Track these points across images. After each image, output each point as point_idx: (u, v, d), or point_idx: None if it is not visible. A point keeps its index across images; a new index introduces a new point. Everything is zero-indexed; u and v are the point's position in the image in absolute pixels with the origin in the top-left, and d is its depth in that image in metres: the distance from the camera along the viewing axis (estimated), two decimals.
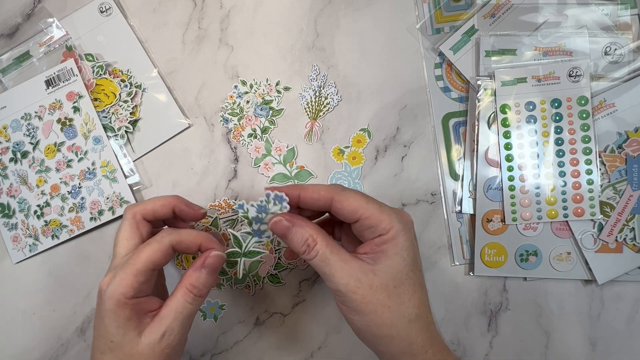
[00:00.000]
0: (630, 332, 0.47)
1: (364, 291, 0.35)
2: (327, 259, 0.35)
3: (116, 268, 0.37)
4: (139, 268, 0.36)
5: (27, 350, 0.51)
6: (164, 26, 0.52)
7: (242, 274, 0.43)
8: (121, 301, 0.35)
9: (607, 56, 0.46)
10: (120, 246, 0.39)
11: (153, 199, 0.41)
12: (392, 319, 0.35)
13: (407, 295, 0.36)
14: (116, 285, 0.35)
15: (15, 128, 0.52)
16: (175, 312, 0.36)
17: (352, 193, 0.36)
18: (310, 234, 0.36)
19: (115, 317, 0.35)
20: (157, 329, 0.36)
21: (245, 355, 0.50)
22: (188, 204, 0.41)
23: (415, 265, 0.36)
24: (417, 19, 0.49)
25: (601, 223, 0.46)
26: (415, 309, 0.36)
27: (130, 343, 0.35)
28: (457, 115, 0.49)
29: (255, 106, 0.50)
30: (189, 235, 0.38)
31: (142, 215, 0.40)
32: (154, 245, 0.37)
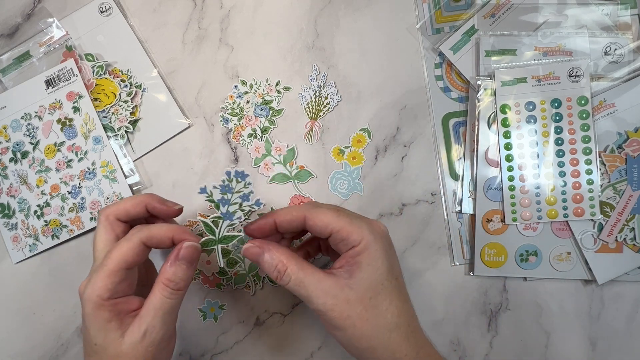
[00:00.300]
0: (630, 332, 0.47)
1: (341, 307, 0.35)
2: (302, 281, 0.35)
3: (93, 272, 0.37)
4: (111, 269, 0.36)
5: (27, 350, 0.51)
6: (164, 26, 0.52)
7: (223, 263, 0.41)
8: (98, 303, 0.35)
9: (607, 56, 0.46)
10: (97, 250, 0.38)
11: (125, 199, 0.40)
12: (372, 330, 0.35)
13: (384, 305, 0.36)
14: (91, 288, 0.35)
15: (15, 128, 0.52)
16: (154, 309, 0.36)
17: (323, 209, 0.37)
18: (280, 260, 0.36)
19: (94, 320, 0.35)
20: (137, 328, 0.35)
21: (245, 355, 0.50)
22: (161, 200, 0.40)
23: (390, 274, 0.36)
24: (417, 19, 0.49)
25: (601, 223, 0.46)
26: (394, 318, 0.36)
27: (113, 344, 0.35)
28: (457, 115, 0.49)
29: (255, 106, 0.50)
30: (160, 230, 0.37)
31: (115, 216, 0.39)
32: (123, 244, 0.36)
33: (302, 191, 0.49)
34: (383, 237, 0.37)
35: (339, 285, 0.35)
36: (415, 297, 0.39)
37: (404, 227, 0.49)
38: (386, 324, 0.35)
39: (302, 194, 0.49)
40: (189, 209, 0.51)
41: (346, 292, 0.35)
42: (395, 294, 0.36)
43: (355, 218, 0.37)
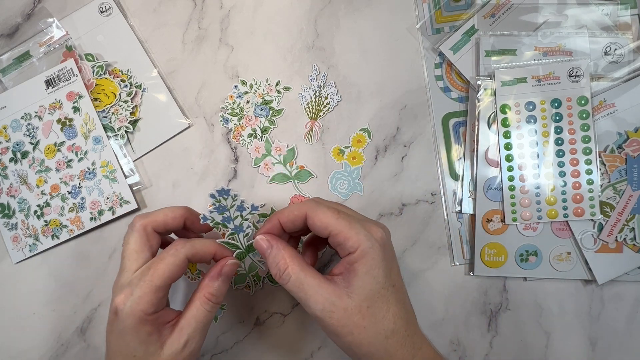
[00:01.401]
0: (630, 332, 0.47)
1: (339, 314, 0.35)
2: (301, 283, 0.36)
3: (131, 284, 0.36)
4: (158, 285, 0.36)
5: (27, 350, 0.51)
6: (164, 26, 0.52)
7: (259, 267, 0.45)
8: (142, 318, 0.36)
9: (607, 56, 0.46)
10: (130, 259, 0.38)
11: (164, 210, 0.40)
12: (369, 338, 0.35)
13: (382, 312, 0.36)
14: (135, 303, 0.35)
15: (15, 128, 0.52)
16: (195, 320, 0.37)
17: (324, 208, 0.36)
18: (283, 257, 0.36)
19: (137, 334, 0.36)
20: (178, 338, 0.37)
21: (245, 355, 0.50)
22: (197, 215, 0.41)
23: (388, 282, 0.36)
24: (417, 19, 0.49)
25: (601, 223, 0.46)
26: (390, 324, 0.36)
27: (153, 356, 0.36)
28: (457, 115, 0.49)
29: (255, 106, 0.50)
30: (204, 246, 0.39)
31: (154, 227, 0.39)
32: (170, 260, 0.37)
33: (302, 191, 0.50)
34: (381, 244, 0.36)
35: (337, 292, 0.35)
36: (415, 297, 0.39)
37: (404, 227, 0.49)
38: (383, 331, 0.36)
39: (302, 193, 0.49)
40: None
41: (345, 300, 0.35)
42: (392, 301, 0.36)
43: (354, 222, 0.36)
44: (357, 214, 0.39)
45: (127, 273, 0.38)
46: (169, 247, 0.38)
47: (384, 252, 0.36)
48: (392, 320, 0.36)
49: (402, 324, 0.36)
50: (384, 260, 0.36)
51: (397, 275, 0.38)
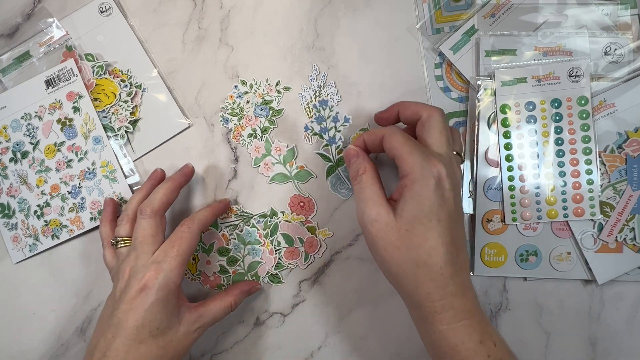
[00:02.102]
0: (630, 332, 0.47)
1: (380, 226, 0.37)
2: (365, 188, 0.39)
3: (156, 262, 0.41)
4: (185, 258, 0.41)
5: (27, 350, 0.51)
6: (164, 26, 0.52)
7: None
8: (173, 290, 0.40)
9: (607, 56, 0.46)
10: (147, 243, 0.42)
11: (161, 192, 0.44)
12: (400, 259, 0.37)
13: (418, 240, 0.36)
14: (168, 276, 0.40)
15: (15, 128, 0.52)
16: (213, 317, 0.44)
17: (398, 134, 0.39)
18: (364, 165, 0.40)
19: (167, 306, 0.40)
20: (195, 321, 0.42)
21: (245, 355, 0.50)
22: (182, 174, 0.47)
23: (432, 215, 0.36)
24: (417, 19, 0.49)
25: (601, 223, 0.46)
26: (424, 255, 0.36)
27: (172, 329, 0.41)
28: (457, 115, 0.49)
29: (255, 106, 0.50)
30: (207, 216, 0.45)
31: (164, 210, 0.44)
32: (188, 236, 0.42)
33: (301, 191, 0.50)
34: (435, 177, 0.36)
35: (385, 207, 0.38)
36: None
37: None
38: (415, 258, 0.36)
39: (302, 193, 0.49)
40: (189, 211, 0.51)
41: (389, 217, 0.37)
42: (433, 234, 0.36)
43: (417, 150, 0.37)
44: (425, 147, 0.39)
45: (146, 255, 0.41)
46: (182, 227, 0.43)
47: (437, 186, 0.36)
48: (427, 252, 0.36)
49: (438, 260, 0.36)
50: (434, 192, 0.36)
51: (447, 214, 0.37)
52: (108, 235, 0.46)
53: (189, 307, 0.43)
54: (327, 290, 0.49)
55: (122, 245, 0.44)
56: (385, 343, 0.49)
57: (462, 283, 0.37)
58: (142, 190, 0.46)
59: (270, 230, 0.49)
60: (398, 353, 0.49)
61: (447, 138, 0.39)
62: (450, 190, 0.37)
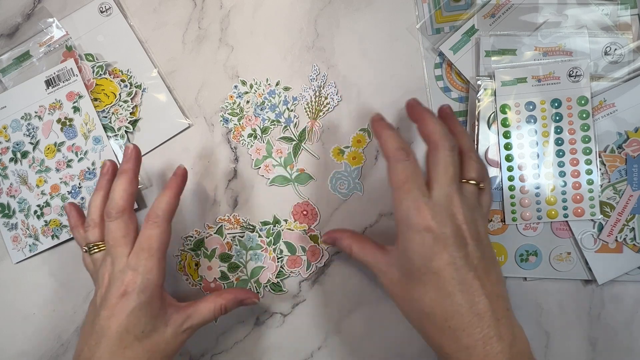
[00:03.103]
0: (630, 332, 0.47)
1: (385, 280, 0.38)
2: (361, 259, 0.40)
3: (130, 265, 0.39)
4: (160, 256, 0.39)
5: (27, 350, 0.51)
6: (164, 26, 0.52)
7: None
8: (155, 292, 0.39)
9: (607, 56, 0.46)
10: (120, 246, 0.40)
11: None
12: (408, 310, 0.37)
13: (417, 294, 0.36)
14: (146, 278, 0.38)
15: (15, 128, 0.52)
16: (203, 318, 0.42)
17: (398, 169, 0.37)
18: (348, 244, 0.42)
19: (150, 309, 0.38)
20: (182, 322, 0.40)
21: (245, 355, 0.50)
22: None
23: (427, 268, 0.35)
24: (417, 19, 0.49)
25: (601, 223, 0.46)
26: (426, 308, 0.35)
27: (159, 331, 0.39)
28: (457, 115, 0.49)
29: (255, 106, 0.50)
30: (170, 202, 0.41)
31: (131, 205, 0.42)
32: (153, 226, 0.40)
33: (301, 193, 0.49)
34: (424, 229, 0.35)
35: (386, 260, 0.38)
36: None
37: None
38: (418, 311, 0.36)
39: (302, 196, 0.49)
40: (189, 210, 0.51)
41: (391, 270, 0.38)
42: (430, 287, 0.35)
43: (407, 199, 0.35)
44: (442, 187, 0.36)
45: (122, 258, 0.40)
46: (147, 223, 0.40)
47: (424, 238, 0.35)
48: (428, 305, 0.35)
49: (440, 313, 0.35)
50: (422, 246, 0.35)
51: (445, 265, 0.34)
52: (84, 239, 0.44)
53: (177, 307, 0.41)
54: (327, 290, 0.49)
55: (95, 251, 0.43)
56: (386, 343, 0.49)
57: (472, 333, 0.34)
58: (99, 190, 0.44)
59: (273, 238, 0.49)
60: (398, 353, 0.49)
61: (453, 175, 0.36)
62: (444, 236, 0.35)
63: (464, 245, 0.35)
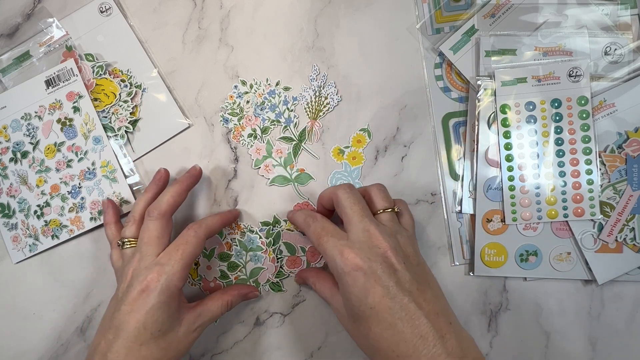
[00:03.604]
0: (630, 332, 0.47)
1: (340, 318, 0.41)
2: (321, 295, 0.44)
3: (160, 264, 0.40)
4: (188, 263, 0.41)
5: (27, 350, 0.51)
6: (164, 26, 0.52)
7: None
8: (174, 293, 0.40)
9: (607, 56, 0.46)
10: (151, 245, 0.42)
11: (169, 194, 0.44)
12: (361, 345, 0.39)
13: (363, 330, 0.37)
14: (170, 279, 0.40)
15: (15, 128, 0.52)
16: (211, 315, 0.43)
17: (318, 227, 0.41)
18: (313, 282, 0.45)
19: (168, 309, 0.40)
20: (194, 321, 0.42)
21: (245, 355, 0.50)
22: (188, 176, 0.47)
23: (364, 305, 0.36)
24: (417, 19, 0.49)
25: (601, 223, 0.46)
26: (375, 343, 0.36)
27: (173, 331, 0.40)
28: (457, 115, 0.49)
29: (255, 106, 0.50)
30: (214, 223, 0.45)
31: (171, 213, 0.44)
32: (194, 241, 0.42)
33: (301, 194, 0.49)
34: (351, 271, 0.37)
35: (337, 300, 0.40)
36: None
37: None
38: (369, 346, 0.37)
39: (302, 196, 0.49)
40: (189, 210, 0.51)
41: (342, 309, 0.40)
42: (372, 323, 0.36)
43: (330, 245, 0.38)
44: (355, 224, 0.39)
45: (150, 257, 0.41)
46: (189, 230, 0.43)
47: (355, 279, 0.36)
48: (375, 340, 0.36)
49: (388, 345, 0.35)
50: (354, 284, 0.37)
51: (379, 298, 0.36)
52: (115, 236, 0.47)
53: (188, 307, 0.43)
54: None
55: (128, 246, 0.44)
56: None
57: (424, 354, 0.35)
58: (148, 192, 0.46)
59: (273, 238, 0.49)
60: None
61: (361, 210, 0.39)
62: (371, 270, 0.36)
63: (394, 272, 0.37)
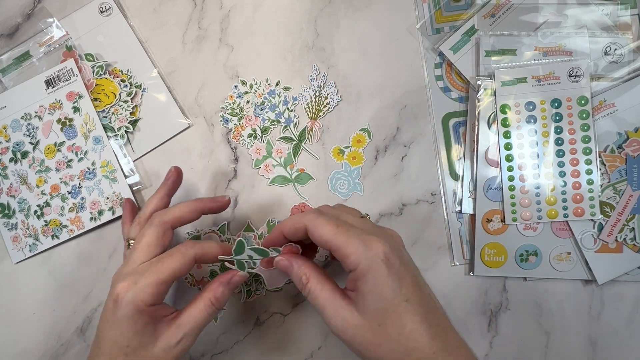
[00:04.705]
0: (630, 332, 0.47)
1: (352, 331, 0.34)
2: (317, 297, 0.36)
3: (135, 274, 0.37)
4: (163, 278, 0.37)
5: (27, 350, 0.51)
6: (164, 26, 0.52)
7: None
8: (141, 308, 0.36)
9: (607, 56, 0.46)
10: (141, 252, 0.39)
11: (180, 207, 0.41)
12: (386, 355, 0.34)
13: (396, 330, 0.33)
14: (137, 292, 0.36)
15: (15, 128, 0.52)
16: (195, 320, 0.38)
17: (323, 221, 0.35)
18: (304, 272, 0.36)
19: (134, 324, 0.36)
20: (175, 334, 0.37)
21: (245, 355, 0.50)
22: (213, 200, 0.43)
23: (398, 298, 0.33)
24: (417, 19, 0.49)
25: (601, 223, 0.46)
26: (409, 342, 0.33)
27: (146, 348, 0.37)
28: (457, 115, 0.49)
29: (255, 106, 0.50)
30: (211, 248, 0.40)
31: (172, 224, 0.40)
32: (179, 258, 0.38)
33: (301, 194, 0.49)
34: (383, 259, 0.34)
35: (348, 308, 0.35)
36: None
37: (404, 227, 0.49)
38: (401, 349, 0.33)
39: (302, 197, 0.49)
40: None
41: (355, 317, 0.34)
42: (407, 317, 0.33)
43: (353, 236, 0.34)
44: (364, 221, 0.38)
45: (133, 264, 0.38)
46: (180, 245, 0.39)
47: (388, 267, 0.34)
48: (410, 338, 0.33)
49: (425, 340, 0.33)
50: (389, 275, 0.34)
51: (411, 288, 0.34)
52: (124, 236, 0.46)
53: (167, 320, 0.38)
54: None
55: (129, 247, 0.43)
56: None
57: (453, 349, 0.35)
58: (157, 192, 0.44)
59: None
60: None
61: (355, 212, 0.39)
62: (400, 261, 0.35)
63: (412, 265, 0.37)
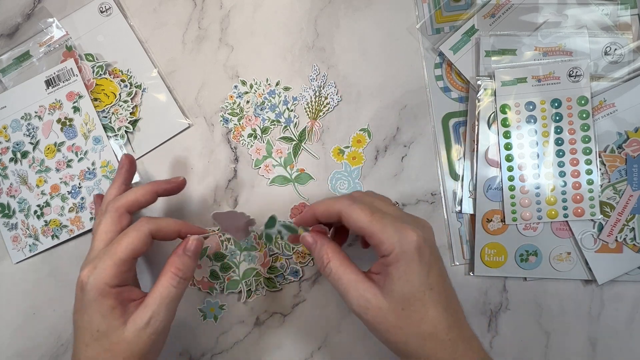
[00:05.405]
0: (630, 332, 0.47)
1: (374, 312, 0.36)
2: (340, 278, 0.37)
3: (95, 259, 0.38)
4: (121, 257, 0.37)
5: (27, 350, 0.51)
6: (164, 26, 0.52)
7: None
8: (105, 290, 0.36)
9: (607, 56, 0.46)
10: (99, 239, 0.39)
11: (134, 190, 0.42)
12: (405, 338, 0.35)
13: (418, 315, 0.35)
14: (99, 275, 0.37)
15: (15, 128, 0.52)
16: (160, 297, 0.37)
17: (358, 209, 0.36)
18: (327, 252, 0.38)
19: (99, 307, 0.36)
20: (142, 315, 0.37)
21: (245, 355, 0.50)
22: (167, 181, 0.43)
23: (424, 286, 0.35)
24: (417, 19, 0.49)
25: (601, 223, 0.46)
26: (429, 327, 0.35)
27: (116, 331, 0.36)
28: (457, 115, 0.49)
29: (255, 106, 0.50)
30: (168, 224, 0.40)
31: (126, 208, 0.41)
32: (133, 234, 0.38)
33: (301, 194, 0.49)
34: (416, 248, 0.35)
35: (372, 291, 0.36)
36: None
37: None
38: (420, 333, 0.35)
39: (302, 197, 0.49)
40: (189, 210, 0.51)
41: (379, 299, 0.35)
42: (430, 304, 0.35)
43: (388, 224, 0.36)
44: (396, 209, 0.39)
45: (94, 251, 0.39)
46: (134, 223, 0.39)
47: (420, 256, 0.35)
48: (430, 324, 0.35)
49: (443, 327, 0.35)
50: (420, 263, 0.35)
51: (437, 277, 0.36)
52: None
53: (136, 304, 0.38)
54: (327, 290, 0.49)
55: None
56: None
57: (467, 339, 0.37)
58: (114, 183, 0.45)
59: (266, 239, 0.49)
60: None
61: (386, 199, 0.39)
62: (430, 251, 0.36)
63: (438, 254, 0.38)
